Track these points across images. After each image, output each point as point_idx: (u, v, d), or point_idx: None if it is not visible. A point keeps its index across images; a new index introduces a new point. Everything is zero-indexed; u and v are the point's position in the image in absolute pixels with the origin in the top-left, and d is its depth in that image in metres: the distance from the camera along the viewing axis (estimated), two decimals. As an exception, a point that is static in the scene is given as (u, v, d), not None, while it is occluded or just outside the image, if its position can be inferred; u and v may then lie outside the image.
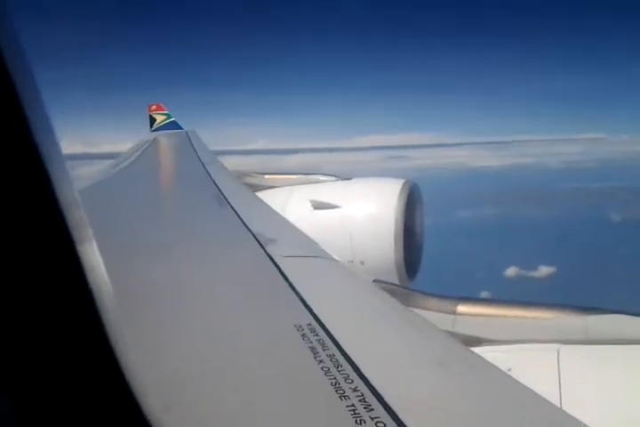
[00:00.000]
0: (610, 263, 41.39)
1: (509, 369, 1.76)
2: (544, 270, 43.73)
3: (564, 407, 1.69)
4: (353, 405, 1.09)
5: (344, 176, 5.90)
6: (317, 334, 1.43)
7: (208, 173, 5.41)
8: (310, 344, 1.37)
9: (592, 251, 45.18)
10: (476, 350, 1.97)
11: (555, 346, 1.99)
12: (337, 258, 2.57)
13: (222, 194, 3.96)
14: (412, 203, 5.11)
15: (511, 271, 43.94)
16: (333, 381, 1.18)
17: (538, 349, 2.02)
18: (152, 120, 13.85)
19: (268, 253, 2.29)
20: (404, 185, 5.13)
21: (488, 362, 1.63)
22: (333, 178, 5.88)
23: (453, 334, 2.19)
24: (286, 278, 1.96)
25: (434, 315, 2.40)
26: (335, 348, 1.36)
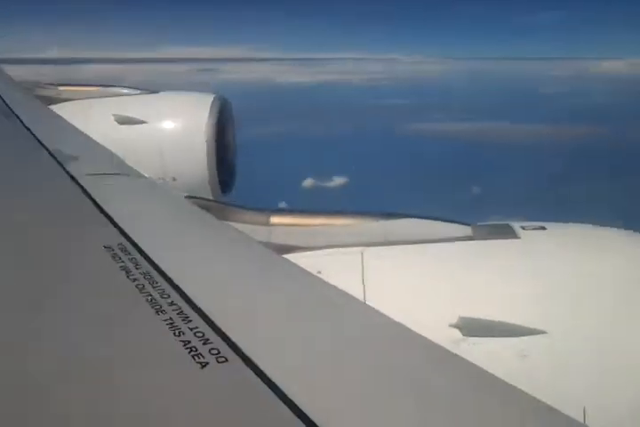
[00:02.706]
0: (397, 173, 45.50)
1: (319, 272, 1.89)
2: (337, 181, 46.83)
3: (367, 301, 1.87)
4: (170, 318, 1.09)
5: (150, 89, 5.59)
6: (130, 254, 1.39)
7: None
8: (122, 264, 1.33)
9: (382, 162, 49.15)
10: (289, 256, 2.06)
11: (359, 249, 2.16)
12: (146, 175, 2.48)
13: (8, 107, 3.53)
14: (223, 118, 5.04)
15: (308, 182, 46.52)
16: (149, 297, 1.17)
17: (344, 252, 2.18)
18: None
19: (68, 172, 2.12)
20: (214, 100, 5.03)
21: (299, 267, 1.73)
22: (138, 91, 5.54)
23: (267, 244, 2.27)
24: (91, 198, 1.84)
25: (249, 227, 2.45)
26: (149, 266, 1.33)
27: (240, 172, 5.42)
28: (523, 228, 2.19)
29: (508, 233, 2.17)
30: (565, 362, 1.82)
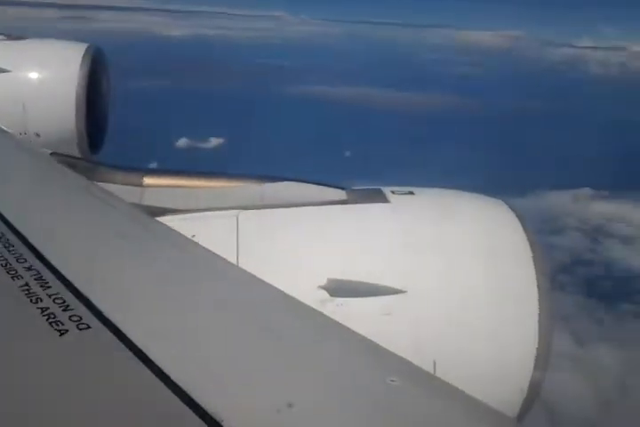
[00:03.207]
0: (274, 135, 45.49)
1: (193, 235, 1.86)
2: (214, 141, 45.73)
3: (240, 264, 1.88)
4: (27, 284, 1.03)
5: (15, 35, 5.10)
6: None
7: None
8: None
9: (260, 124, 48.71)
10: (162, 219, 2.01)
11: (234, 212, 2.15)
12: (7, 129, 2.30)
13: None
14: (95, 69, 4.71)
15: (182, 142, 44.98)
16: (4, 262, 1.10)
17: (219, 215, 2.16)
18: None
19: None
20: (87, 49, 4.67)
21: (172, 229, 1.70)
22: (1, 36, 5.04)
23: (139, 206, 2.19)
24: None
25: (120, 188, 2.35)
26: (6, 227, 1.25)
27: (110, 129, 5.14)
28: (393, 192, 2.29)
29: (380, 197, 2.26)
30: (422, 319, 1.96)
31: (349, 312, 1.88)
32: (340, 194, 2.35)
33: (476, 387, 1.20)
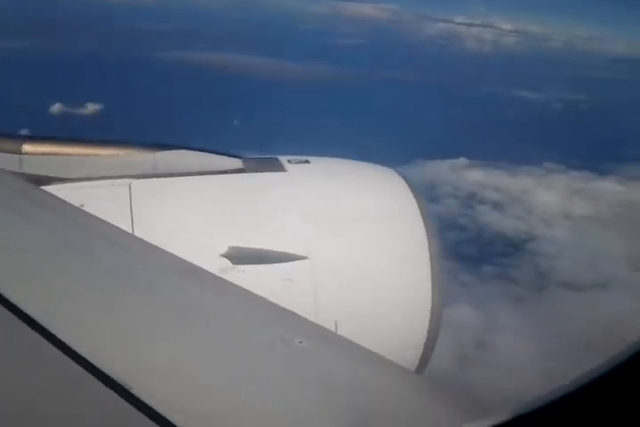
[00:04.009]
0: (156, 102, 43.65)
1: (82, 205, 1.78)
2: (91, 107, 43.01)
3: (136, 233, 1.82)
4: None
5: None
6: None
7: None
8: None
9: (139, 90, 46.46)
10: (47, 188, 1.90)
11: (126, 181, 2.07)
12: None
13: None
14: None
15: (57, 108, 41.81)
16: None
17: (110, 184, 2.07)
18: None
19: None
20: None
21: (58, 198, 1.61)
22: None
23: (20, 175, 2.05)
24: None
25: None
26: None
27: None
28: (289, 161, 2.31)
29: (277, 166, 2.27)
30: (323, 283, 2.02)
31: (251, 279, 1.89)
32: (236, 163, 2.32)
33: (376, 344, 1.26)
